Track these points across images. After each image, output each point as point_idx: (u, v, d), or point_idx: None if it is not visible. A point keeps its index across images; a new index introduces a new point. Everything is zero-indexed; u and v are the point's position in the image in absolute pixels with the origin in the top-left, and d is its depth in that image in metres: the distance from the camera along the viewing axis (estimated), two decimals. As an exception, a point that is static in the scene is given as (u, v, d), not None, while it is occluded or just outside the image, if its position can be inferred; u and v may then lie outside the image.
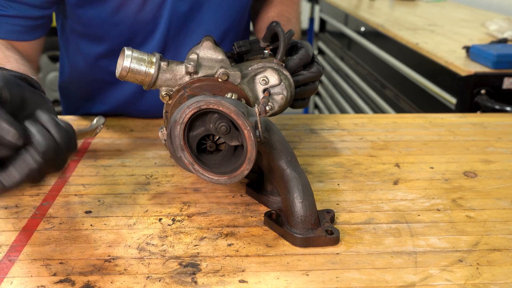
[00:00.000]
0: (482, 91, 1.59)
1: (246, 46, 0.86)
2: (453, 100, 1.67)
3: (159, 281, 0.61)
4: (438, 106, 1.77)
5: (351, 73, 2.92)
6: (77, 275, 0.62)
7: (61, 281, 0.61)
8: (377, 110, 2.44)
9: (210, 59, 0.79)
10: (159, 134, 0.82)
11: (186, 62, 0.77)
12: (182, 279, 0.61)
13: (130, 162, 0.93)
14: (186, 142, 0.68)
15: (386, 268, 0.64)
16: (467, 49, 1.74)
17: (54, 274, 0.62)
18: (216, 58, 0.79)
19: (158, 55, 0.77)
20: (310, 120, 1.17)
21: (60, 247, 0.67)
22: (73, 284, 0.60)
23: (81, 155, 0.95)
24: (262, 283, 0.61)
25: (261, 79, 0.81)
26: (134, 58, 0.76)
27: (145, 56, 0.77)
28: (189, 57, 0.79)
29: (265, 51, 0.86)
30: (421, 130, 1.11)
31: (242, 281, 0.61)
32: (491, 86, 1.59)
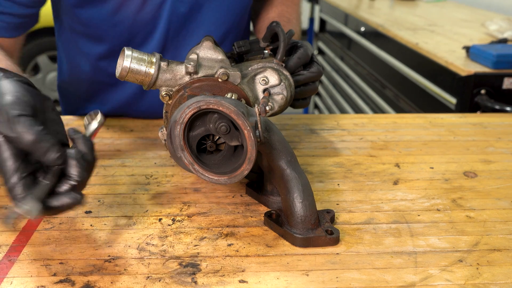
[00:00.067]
0: (482, 91, 1.59)
1: (246, 46, 0.86)
2: (453, 100, 1.67)
3: (159, 281, 0.61)
4: (438, 106, 1.77)
5: (351, 73, 2.92)
6: (77, 275, 0.62)
7: (61, 281, 0.61)
8: (377, 110, 2.44)
9: (210, 59, 0.79)
10: (159, 134, 0.82)
11: (186, 62, 0.77)
12: (182, 279, 0.61)
13: (130, 162, 0.93)
14: (186, 142, 0.68)
15: (386, 268, 0.64)
16: (467, 49, 1.74)
17: (54, 274, 0.62)
18: (216, 58, 0.79)
19: (158, 55, 0.77)
20: (310, 120, 1.17)
21: (60, 247, 0.67)
22: (73, 284, 0.60)
23: (81, 155, 0.95)
24: (262, 283, 0.61)
25: (261, 79, 0.81)
26: (134, 58, 0.75)
27: (145, 56, 0.77)
28: (189, 57, 0.79)
29: (265, 51, 0.86)
30: (421, 130, 1.11)
31: (242, 281, 0.61)
32: (491, 86, 1.59)
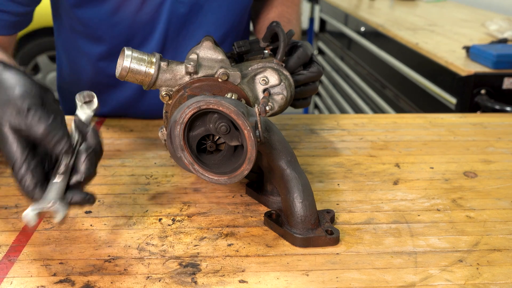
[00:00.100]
0: (482, 91, 1.59)
1: (246, 46, 0.86)
2: (453, 100, 1.67)
3: (159, 281, 0.61)
4: (438, 106, 1.77)
5: (351, 73, 2.92)
6: (77, 275, 0.62)
7: (61, 281, 0.61)
8: (377, 110, 2.44)
9: (210, 59, 0.79)
10: (159, 134, 0.82)
11: (186, 62, 0.77)
12: (182, 279, 0.61)
13: (130, 162, 0.93)
14: (186, 142, 0.68)
15: (386, 268, 0.64)
16: (467, 49, 1.74)
17: (54, 274, 0.62)
18: (216, 58, 0.79)
19: (158, 55, 0.77)
20: (310, 120, 1.17)
21: (60, 247, 0.67)
22: (73, 284, 0.60)
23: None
24: (262, 283, 0.61)
25: (261, 79, 0.81)
26: (134, 58, 0.75)
27: (145, 56, 0.77)
28: (189, 57, 0.79)
29: (265, 51, 0.86)
30: (421, 130, 1.11)
31: (242, 281, 0.61)
32: (491, 86, 1.59)
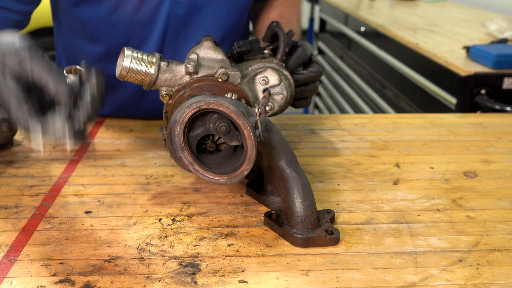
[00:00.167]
0: (482, 91, 1.59)
1: (246, 46, 0.85)
2: (453, 100, 1.67)
3: (159, 281, 0.61)
4: (438, 106, 1.77)
5: (351, 73, 2.92)
6: (77, 275, 0.62)
7: (61, 281, 0.61)
8: (377, 110, 2.44)
9: (210, 59, 0.79)
10: (159, 134, 0.82)
11: (186, 62, 0.77)
12: (182, 279, 0.61)
13: (130, 162, 0.93)
14: (186, 142, 0.68)
15: (386, 268, 0.64)
16: (467, 49, 1.74)
17: (54, 274, 0.62)
18: (216, 58, 0.79)
19: (158, 55, 0.77)
20: (310, 120, 1.17)
21: (60, 247, 0.67)
22: (73, 284, 0.60)
23: (81, 155, 0.95)
24: (262, 283, 0.61)
25: (261, 79, 0.81)
26: (134, 58, 0.75)
27: (145, 56, 0.77)
28: (189, 57, 0.79)
29: (265, 51, 0.86)
30: (421, 130, 1.11)
31: (242, 281, 0.61)
32: (491, 86, 1.59)
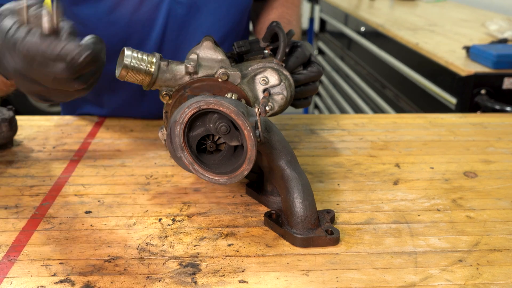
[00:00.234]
0: (482, 91, 1.59)
1: (246, 46, 0.85)
2: (453, 100, 1.67)
3: (159, 281, 0.61)
4: (438, 106, 1.77)
5: (351, 73, 2.92)
6: (77, 275, 0.62)
7: (61, 281, 0.61)
8: (377, 110, 2.44)
9: (210, 59, 0.79)
10: (159, 134, 0.82)
11: (186, 62, 0.77)
12: (182, 279, 0.61)
13: (130, 162, 0.93)
14: (186, 142, 0.68)
15: (386, 268, 0.64)
16: (467, 49, 1.74)
17: (54, 274, 0.62)
18: (216, 58, 0.79)
19: (158, 55, 0.77)
20: (310, 120, 1.17)
21: (60, 247, 0.67)
22: (73, 284, 0.60)
23: (81, 155, 0.95)
24: (262, 283, 0.61)
25: (261, 79, 0.81)
26: (134, 58, 0.75)
27: (145, 56, 0.77)
28: (189, 57, 0.79)
29: (265, 51, 0.86)
30: (421, 130, 1.11)
31: (242, 281, 0.61)
32: (491, 86, 1.59)
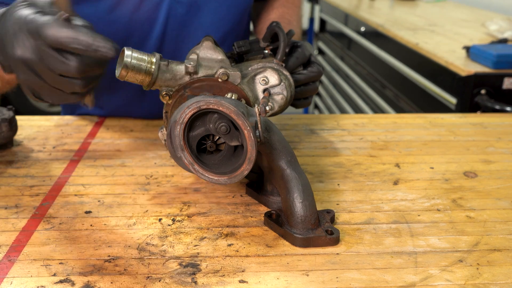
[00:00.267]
0: (482, 91, 1.59)
1: (246, 46, 0.86)
2: (453, 100, 1.67)
3: (159, 281, 0.61)
4: (438, 106, 1.77)
5: (351, 73, 2.92)
6: (77, 275, 0.62)
7: (61, 281, 0.61)
8: (377, 110, 2.44)
9: (210, 59, 0.79)
10: (159, 134, 0.82)
11: (186, 62, 0.77)
12: (182, 279, 0.61)
13: (130, 162, 0.93)
14: (186, 142, 0.68)
15: (386, 268, 0.64)
16: (467, 49, 1.74)
17: (54, 274, 0.62)
18: (216, 58, 0.79)
19: (158, 55, 0.77)
20: (310, 120, 1.17)
21: (60, 247, 0.67)
22: (73, 284, 0.60)
23: (81, 155, 0.95)
24: (262, 283, 0.61)
25: (261, 79, 0.81)
26: (134, 58, 0.75)
27: (145, 56, 0.77)
28: (189, 57, 0.79)
29: (265, 51, 0.86)
30: (421, 130, 1.11)
31: (242, 281, 0.61)
32: (491, 86, 1.59)
